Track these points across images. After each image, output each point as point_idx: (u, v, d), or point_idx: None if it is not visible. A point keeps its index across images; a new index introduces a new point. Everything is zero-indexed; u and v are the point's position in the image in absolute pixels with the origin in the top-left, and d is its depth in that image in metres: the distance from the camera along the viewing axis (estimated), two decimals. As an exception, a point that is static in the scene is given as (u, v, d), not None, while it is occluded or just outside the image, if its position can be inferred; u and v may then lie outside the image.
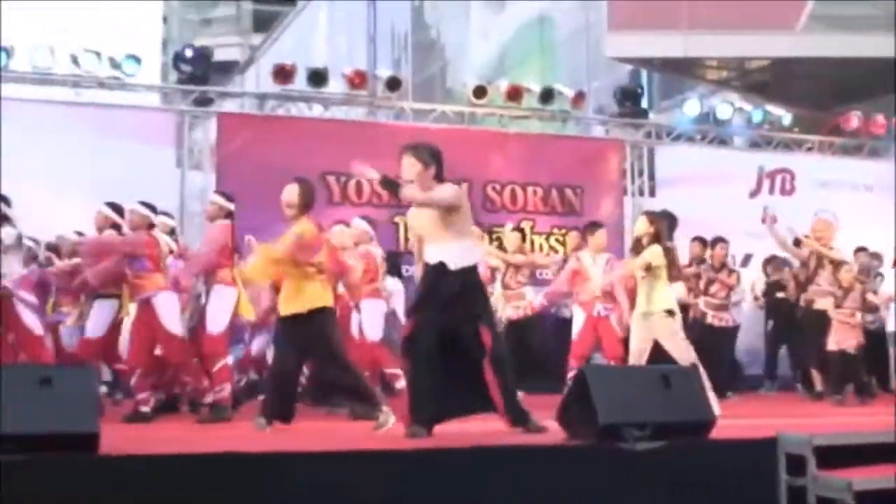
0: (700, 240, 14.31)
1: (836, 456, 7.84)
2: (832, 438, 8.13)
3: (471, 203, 14.97)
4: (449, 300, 8.45)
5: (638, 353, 10.48)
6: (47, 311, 11.42)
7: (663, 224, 10.84)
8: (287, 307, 9.21)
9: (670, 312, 10.60)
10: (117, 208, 10.69)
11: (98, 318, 10.58)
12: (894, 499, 7.70)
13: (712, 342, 13.20)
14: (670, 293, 10.82)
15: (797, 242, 13.76)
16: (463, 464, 7.20)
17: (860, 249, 14.44)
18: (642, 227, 10.75)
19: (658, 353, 10.46)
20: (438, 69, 38.47)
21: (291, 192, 9.29)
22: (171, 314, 10.17)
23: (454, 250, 8.59)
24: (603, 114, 18.75)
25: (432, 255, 8.63)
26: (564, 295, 13.36)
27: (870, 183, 17.47)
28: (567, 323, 13.24)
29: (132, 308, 10.35)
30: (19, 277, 10.43)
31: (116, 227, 10.60)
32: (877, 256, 14.60)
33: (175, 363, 10.34)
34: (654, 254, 10.48)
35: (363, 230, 12.13)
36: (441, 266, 8.54)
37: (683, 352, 10.42)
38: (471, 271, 8.64)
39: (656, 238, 10.61)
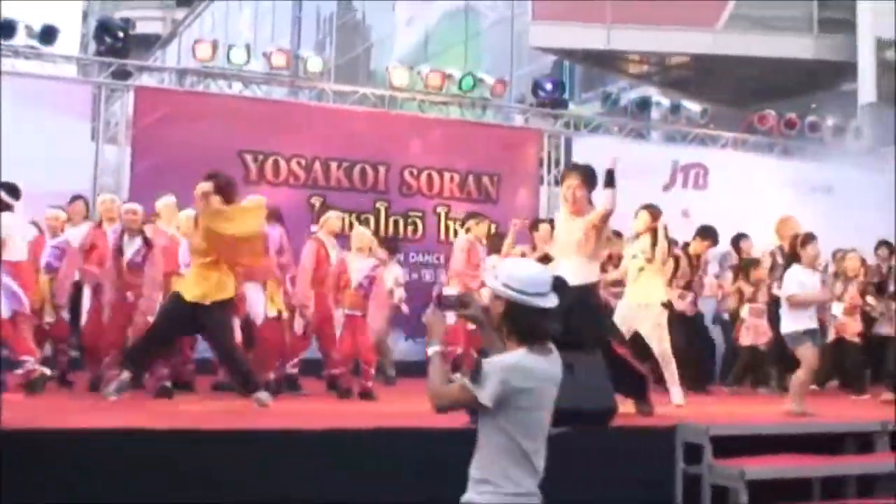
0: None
1: (732, 445, 8.03)
2: (728, 429, 8.32)
3: (387, 187, 15.30)
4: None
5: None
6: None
7: (660, 213, 11.17)
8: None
9: (665, 305, 11.03)
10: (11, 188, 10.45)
11: None
12: (785, 487, 7.92)
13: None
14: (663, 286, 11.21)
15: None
16: (367, 445, 7.27)
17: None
18: (645, 221, 10.99)
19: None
20: (363, 51, 38.43)
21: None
22: None
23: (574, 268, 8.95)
24: (523, 103, 18.79)
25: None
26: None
27: (784, 180, 17.64)
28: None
29: None
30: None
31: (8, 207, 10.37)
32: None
33: None
34: (663, 249, 10.79)
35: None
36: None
37: (663, 342, 10.72)
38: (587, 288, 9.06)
39: (657, 232, 10.93)
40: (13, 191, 10.28)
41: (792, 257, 10.60)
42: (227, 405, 9.34)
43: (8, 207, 10.15)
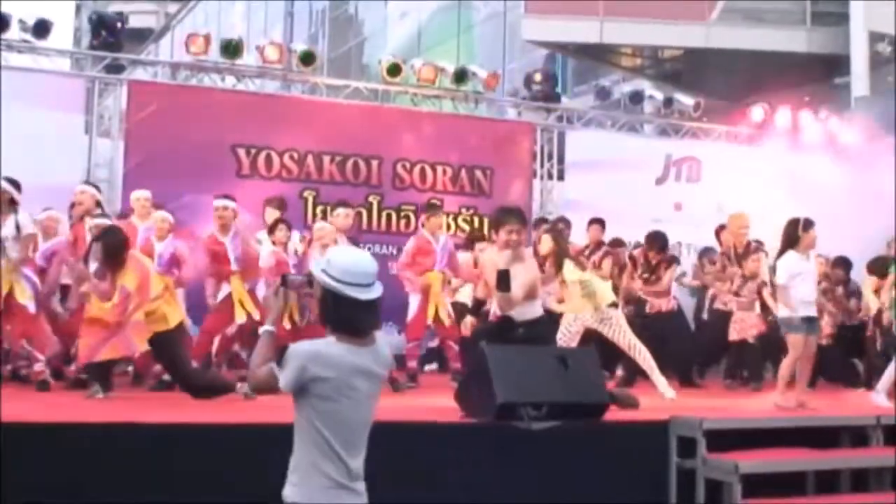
0: (599, 222, 14.38)
1: (725, 439, 8.04)
2: (721, 422, 8.32)
3: (380, 180, 15.29)
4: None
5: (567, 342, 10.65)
6: None
7: (562, 235, 11.25)
8: None
9: (615, 305, 11.08)
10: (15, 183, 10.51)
11: None
12: (779, 480, 7.93)
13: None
14: (609, 288, 11.27)
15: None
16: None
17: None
18: (547, 245, 11.01)
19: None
20: (355, 45, 38.39)
21: None
22: None
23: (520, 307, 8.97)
24: (516, 96, 18.76)
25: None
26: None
27: (776, 173, 17.57)
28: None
29: None
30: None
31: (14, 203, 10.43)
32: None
33: None
34: (568, 270, 10.79)
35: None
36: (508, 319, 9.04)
37: (628, 338, 10.80)
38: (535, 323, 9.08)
39: (562, 253, 10.93)
40: (17, 185, 10.35)
41: (788, 242, 10.56)
42: (223, 398, 9.33)
43: (16, 203, 10.26)
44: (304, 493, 4.33)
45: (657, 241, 13.37)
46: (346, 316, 4.38)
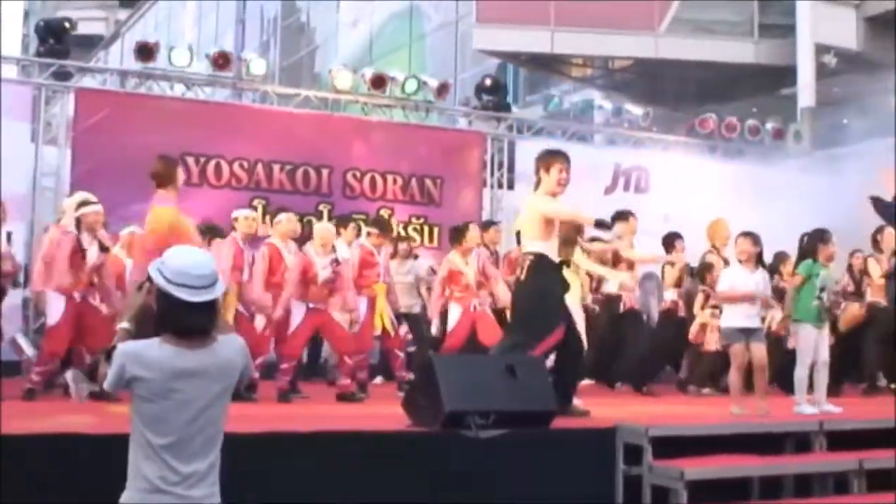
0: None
1: (671, 446, 8.08)
2: (667, 429, 8.37)
3: (330, 189, 15.28)
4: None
5: None
6: None
7: None
8: None
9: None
10: None
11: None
12: (725, 486, 7.99)
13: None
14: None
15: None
16: (305, 447, 7.25)
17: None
18: None
19: None
20: (307, 54, 38.35)
21: None
22: None
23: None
24: (467, 105, 18.81)
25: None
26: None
27: (723, 184, 17.71)
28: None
29: None
30: None
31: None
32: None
33: None
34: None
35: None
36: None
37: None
38: None
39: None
40: None
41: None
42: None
43: None
44: (128, 495, 4.24)
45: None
46: (173, 317, 4.27)
